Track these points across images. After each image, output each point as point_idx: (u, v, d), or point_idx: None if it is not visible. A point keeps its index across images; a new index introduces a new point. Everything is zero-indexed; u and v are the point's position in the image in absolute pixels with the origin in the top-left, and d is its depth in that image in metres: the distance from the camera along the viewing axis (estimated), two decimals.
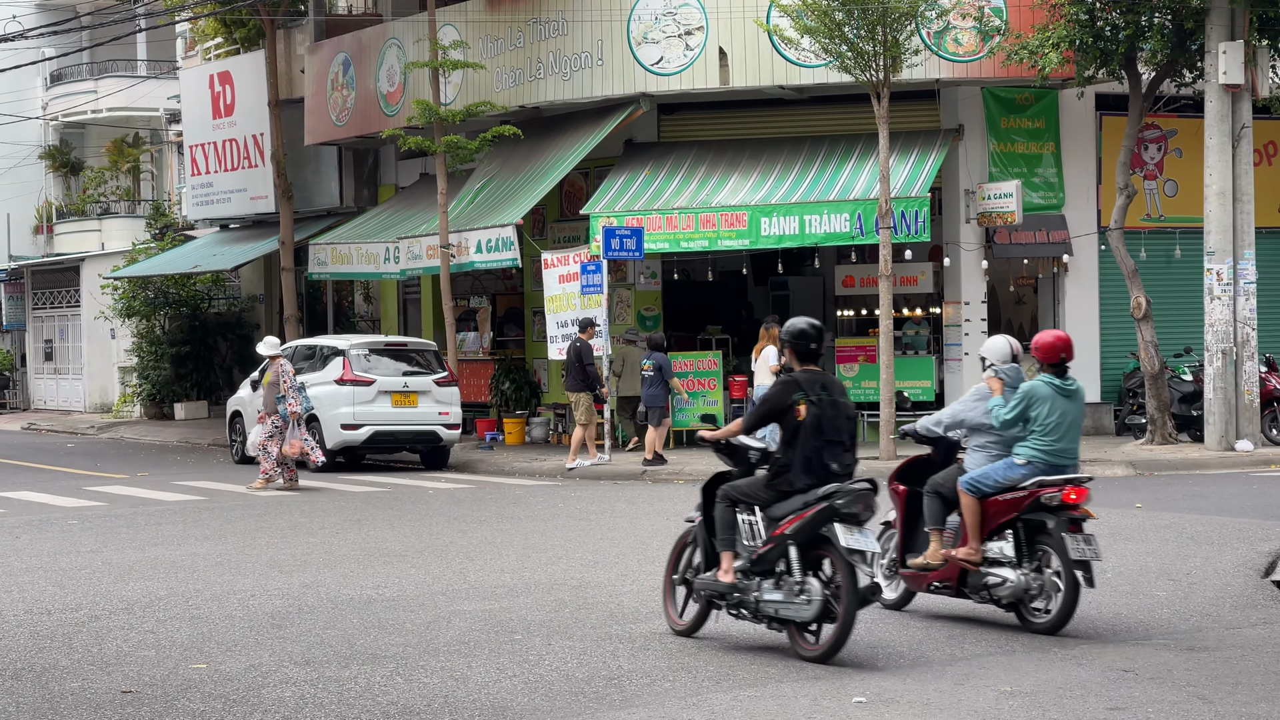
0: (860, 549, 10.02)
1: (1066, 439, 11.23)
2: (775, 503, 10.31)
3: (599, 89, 26.37)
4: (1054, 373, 11.28)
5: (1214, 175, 23.13)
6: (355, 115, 31.36)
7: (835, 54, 23.08)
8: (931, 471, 11.77)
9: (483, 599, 12.37)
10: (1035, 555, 11.04)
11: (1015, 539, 11.09)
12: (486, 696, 9.13)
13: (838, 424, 10.33)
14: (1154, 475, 21.78)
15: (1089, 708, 8.73)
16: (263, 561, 14.64)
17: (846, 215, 24.40)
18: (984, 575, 11.11)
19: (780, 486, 10.32)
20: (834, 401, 10.34)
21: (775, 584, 10.20)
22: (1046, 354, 11.30)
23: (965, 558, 11.17)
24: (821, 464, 10.25)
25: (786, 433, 10.35)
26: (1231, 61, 22.66)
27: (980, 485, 11.20)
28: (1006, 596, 11.02)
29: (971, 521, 11.19)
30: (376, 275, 30.56)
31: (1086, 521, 11.04)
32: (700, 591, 10.66)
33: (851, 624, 9.95)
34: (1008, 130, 26.28)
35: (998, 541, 11.15)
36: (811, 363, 10.56)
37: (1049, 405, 11.15)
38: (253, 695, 9.23)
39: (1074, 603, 10.77)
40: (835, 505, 10.02)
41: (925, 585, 11.53)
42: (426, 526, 17.30)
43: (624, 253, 24.12)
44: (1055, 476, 11.11)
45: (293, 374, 22.11)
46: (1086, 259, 26.92)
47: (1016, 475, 11.15)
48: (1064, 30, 23.29)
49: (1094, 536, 11.00)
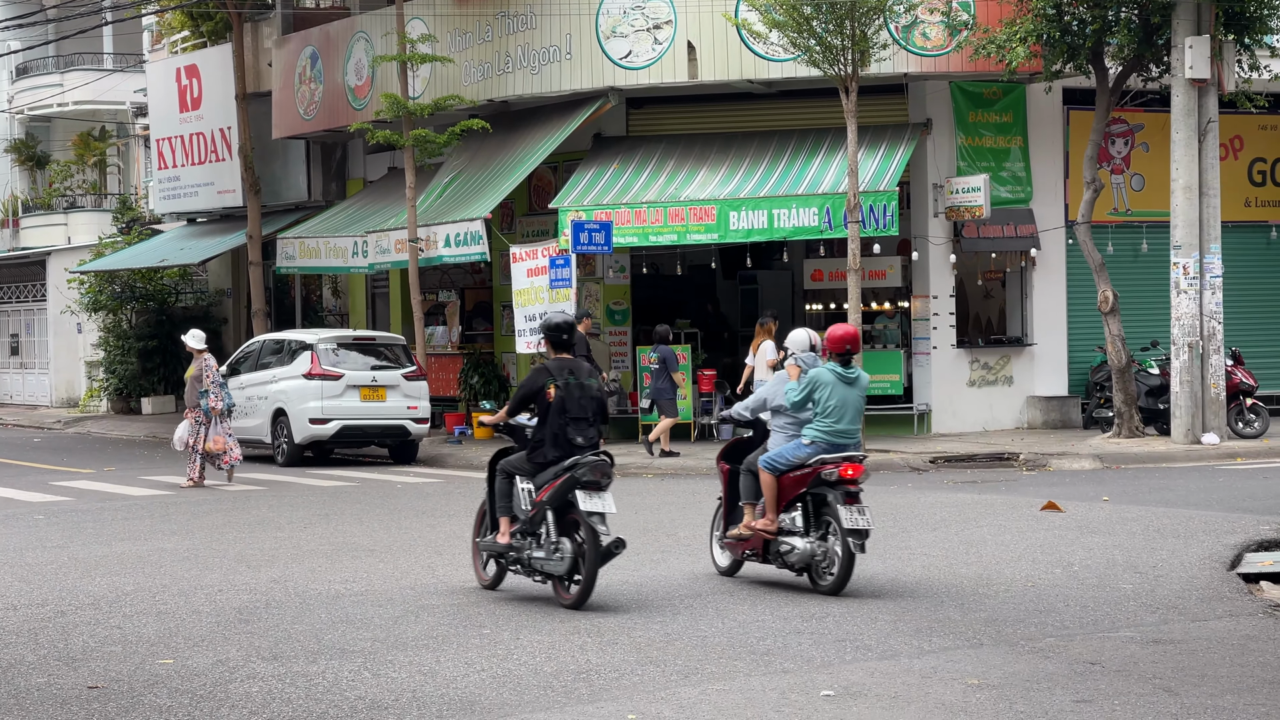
0: (598, 510, 11.66)
1: (846, 421, 12.46)
2: (537, 474, 11.97)
3: (567, 83, 26.35)
4: (839, 362, 12.51)
5: (1180, 169, 23.22)
6: (323, 109, 31.27)
7: (803, 48, 23.11)
8: (751, 451, 12.96)
9: (451, 593, 12.35)
10: (821, 525, 12.29)
11: (803, 511, 12.37)
12: (454, 690, 9.12)
13: (582, 403, 11.97)
14: (1121, 468, 21.86)
15: (1056, 700, 8.75)
16: (230, 556, 14.59)
17: (815, 209, 24.43)
18: (779, 543, 12.38)
19: (537, 459, 11.95)
20: (580, 384, 12.01)
21: (538, 544, 11.88)
22: (833, 345, 12.55)
23: (762, 529, 12.47)
24: (567, 439, 11.89)
25: (539, 412, 11.99)
26: (1198, 56, 22.75)
27: (775, 463, 12.45)
28: (796, 562, 12.30)
29: (769, 496, 12.47)
30: (345, 269, 30.49)
31: (861, 492, 12.28)
32: (483, 552, 12.46)
33: (594, 575, 11.55)
34: (975, 124, 26.34)
35: (790, 513, 12.41)
36: (565, 351, 12.21)
37: (830, 390, 12.40)
38: (220, 690, 9.20)
39: (850, 566, 12.02)
40: (576, 475, 11.66)
41: (741, 553, 12.77)
42: (395, 521, 17.27)
43: (593, 247, 24.11)
44: (835, 455, 12.33)
45: (216, 369, 21.98)
46: (1054, 253, 27.01)
47: (803, 454, 12.38)
48: (1031, 24, 23.36)
49: (868, 508, 12.21)
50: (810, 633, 10.61)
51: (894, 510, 17.24)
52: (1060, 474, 21.38)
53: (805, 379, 12.48)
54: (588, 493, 11.67)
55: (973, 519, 16.36)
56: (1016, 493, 18.77)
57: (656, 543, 15.00)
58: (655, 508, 17.96)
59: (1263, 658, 9.80)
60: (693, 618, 11.13)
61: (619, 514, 12.85)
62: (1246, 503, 17.10)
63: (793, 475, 12.39)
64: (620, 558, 11.88)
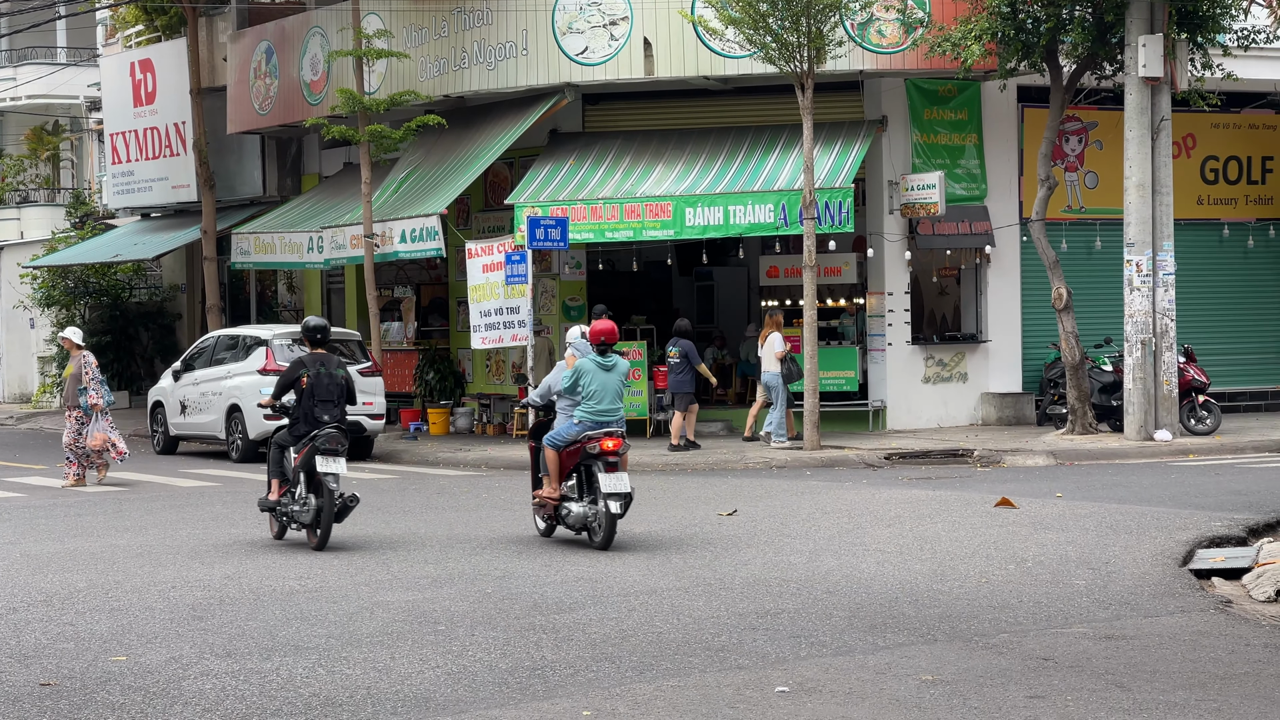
0: (331, 471, 14.59)
1: (606, 402, 14.59)
2: (294, 444, 15.03)
3: (524, 79, 26.31)
4: (598, 352, 14.74)
5: (1134, 167, 23.35)
6: (278, 104, 31.15)
7: (760, 45, 23.15)
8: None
9: (406, 590, 12.33)
10: (592, 491, 14.47)
11: (578, 480, 14.64)
12: (409, 687, 9.10)
13: (330, 388, 14.97)
14: (1074, 465, 21.97)
15: (1009, 695, 8.79)
16: (184, 553, 14.53)
17: (771, 206, 24.47)
18: (563, 507, 14.60)
19: (295, 433, 15.05)
20: (329, 373, 15.03)
21: (294, 499, 14.87)
22: (593, 338, 14.82)
23: (547, 495, 14.72)
24: (314, 417, 14.91)
25: (296, 395, 15.04)
26: (1151, 54, 22.88)
27: (555, 440, 14.68)
28: (575, 523, 14.46)
29: (553, 468, 14.66)
30: (300, 265, 30.38)
31: (620, 461, 14.33)
32: (260, 507, 15.35)
33: (330, 524, 14.53)
34: (931, 122, 26.43)
35: (570, 482, 14.68)
36: (320, 347, 15.30)
37: (591, 376, 14.61)
38: (173, 688, 9.16)
39: (613, 525, 14.20)
40: (317, 444, 14.72)
41: (543, 516, 14.98)
42: (350, 517, 17.20)
43: (549, 243, 24.10)
44: (597, 430, 14.43)
45: (95, 365, 21.87)
46: (1008, 250, 27.12)
47: (574, 431, 14.54)
48: (986, 23, 23.45)
49: (626, 476, 14.28)
50: (765, 629, 10.63)
51: (849, 506, 17.30)
52: (1014, 470, 21.48)
53: (572, 369, 14.75)
54: (324, 457, 14.63)
55: (927, 515, 16.42)
56: (971, 489, 18.85)
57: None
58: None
59: (1214, 653, 9.86)
60: (647, 614, 11.14)
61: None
62: (1198, 499, 17.21)
63: (569, 450, 14.58)
64: (576, 553, 11.88)
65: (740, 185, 24.92)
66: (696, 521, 16.25)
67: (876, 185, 26.32)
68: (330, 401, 14.97)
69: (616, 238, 25.58)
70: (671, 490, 19.47)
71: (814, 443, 23.05)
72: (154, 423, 27.16)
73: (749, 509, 17.13)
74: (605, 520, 14.20)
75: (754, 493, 18.88)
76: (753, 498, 18.29)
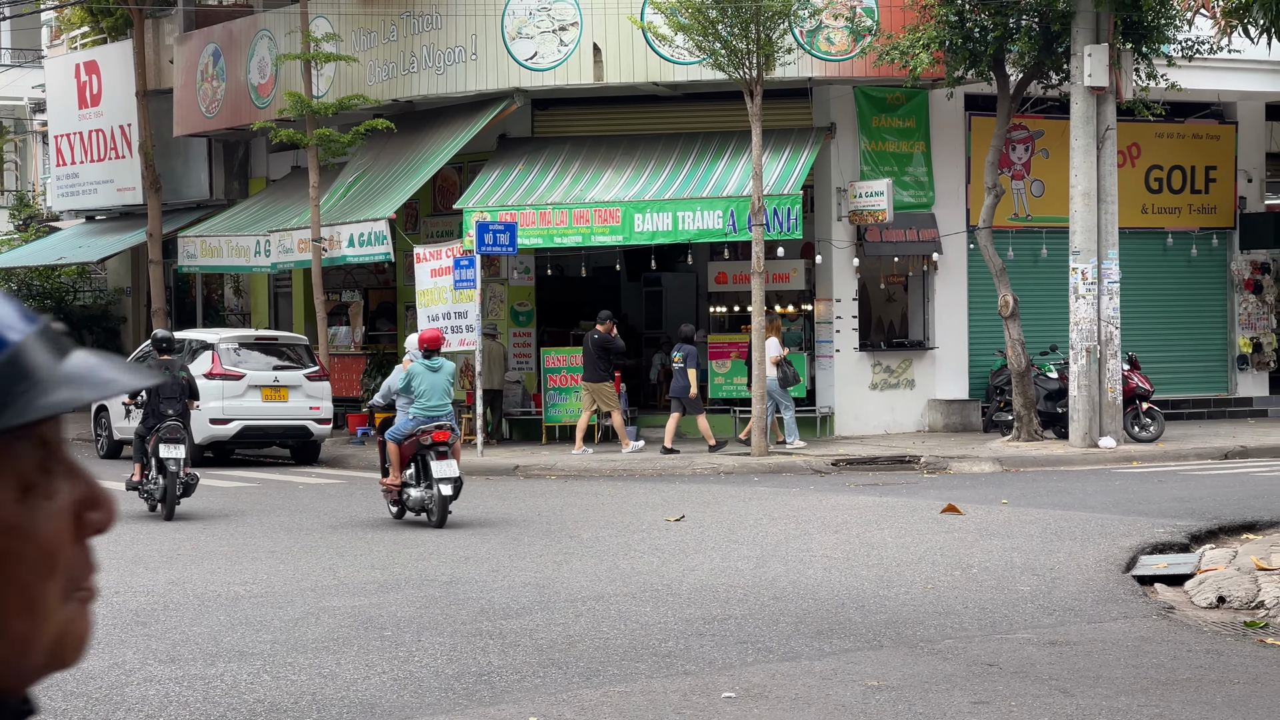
0: (171, 456, 17.52)
1: (434, 400, 16.66)
2: (148, 434, 17.85)
3: (473, 83, 26.28)
4: (424, 355, 16.81)
5: (1079, 176, 23.50)
6: (225, 107, 31.00)
7: (709, 51, 23.18)
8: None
9: (352, 595, 12.28)
10: (427, 477, 16.41)
11: (415, 467, 16.66)
12: (355, 693, 9.06)
13: (173, 389, 17.91)
14: (1020, 471, 22.09)
15: (954, 701, 8.83)
16: (127, 558, 14.43)
17: (720, 212, 24.52)
18: (404, 493, 16.62)
19: (147, 425, 18.03)
20: (173, 376, 17.86)
21: (148, 479, 17.86)
22: (420, 344, 17.00)
23: (390, 483, 16.81)
24: (159, 412, 17.92)
25: (147, 394, 17.84)
26: (1096, 64, 23.03)
27: (394, 435, 16.84)
28: (415, 505, 16.53)
29: (394, 459, 16.78)
30: (247, 268, 30.25)
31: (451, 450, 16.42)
32: (125, 487, 17.77)
33: (174, 498, 17.49)
34: (879, 129, 26.53)
35: (409, 470, 16.71)
36: (169, 355, 18.59)
37: (421, 378, 16.68)
38: (115, 694, 9.09)
39: (445, 506, 16.25)
40: (160, 434, 17.56)
41: (391, 501, 17.02)
42: (296, 522, 17.16)
43: (497, 248, 24.07)
44: (429, 425, 16.52)
45: None
46: (956, 257, 27.25)
47: (409, 426, 16.68)
48: (934, 31, 23.56)
49: (455, 463, 16.30)
50: (712, 635, 10.64)
51: (796, 512, 17.34)
52: (960, 477, 21.58)
53: (405, 373, 16.92)
54: (166, 445, 17.54)
55: (874, 521, 16.47)
56: (917, 495, 18.92)
57: (559, 544, 15.00)
58: (558, 509, 17.95)
59: (1156, 659, 9.93)
60: (594, 620, 11.14)
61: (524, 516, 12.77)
62: (1141, 506, 17.32)
63: (407, 442, 16.63)
64: (523, 559, 11.89)
65: (689, 191, 24.95)
66: (644, 527, 16.25)
67: (825, 192, 26.40)
68: (173, 399, 17.99)
69: (565, 243, 25.57)
70: (619, 496, 19.47)
71: (761, 449, 23.09)
72: (98, 427, 26.97)
73: (696, 515, 17.15)
74: (438, 502, 16.28)
75: (701, 499, 18.90)
76: (700, 504, 18.31)
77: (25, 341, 1.19)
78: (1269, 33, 15.95)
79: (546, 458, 23.39)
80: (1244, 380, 29.92)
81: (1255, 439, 25.02)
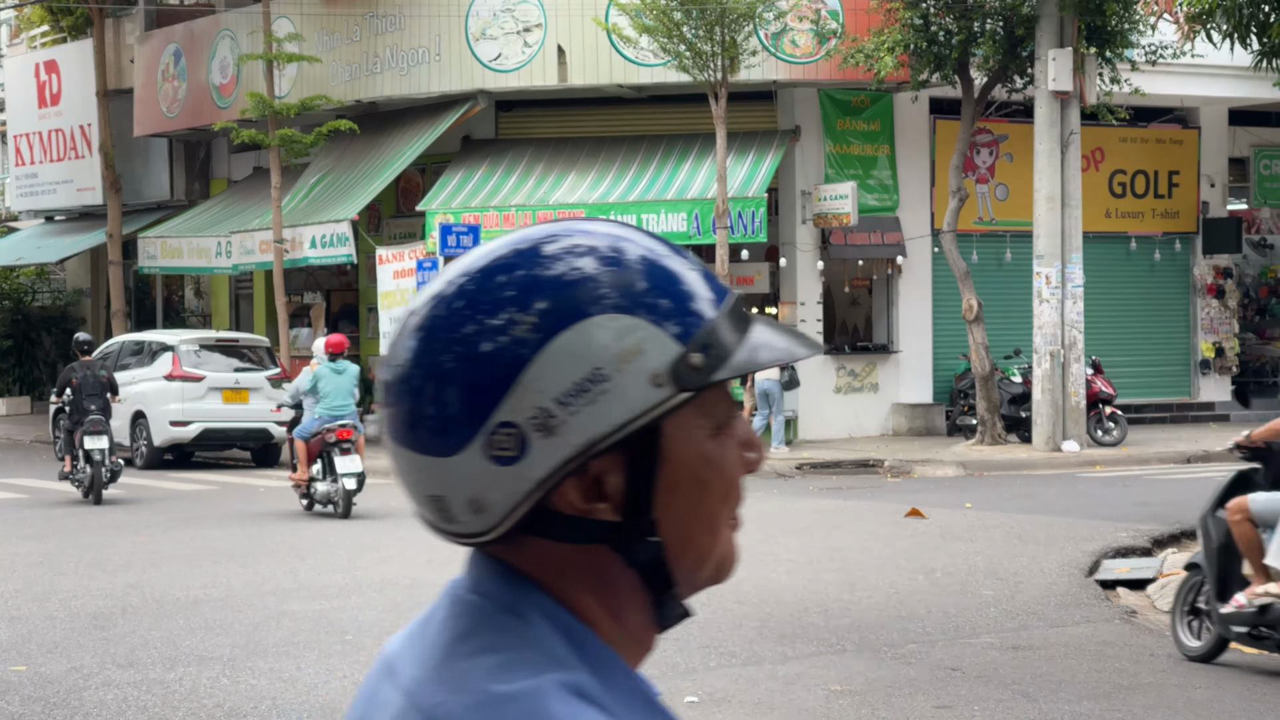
0: (96, 447, 19.06)
1: (338, 400, 17.88)
2: (74, 428, 19.32)
3: (436, 85, 26.18)
4: (330, 360, 17.98)
5: (1043, 180, 23.55)
6: (187, 107, 30.84)
7: (673, 53, 23.15)
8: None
9: (313, 599, 12.19)
10: (333, 471, 17.61)
11: (322, 462, 17.83)
12: (315, 698, 8.98)
13: (95, 386, 19.53)
14: (983, 475, 22.11)
15: (917, 705, 8.80)
16: (86, 561, 14.30)
17: (684, 215, 24.49)
18: (312, 487, 17.81)
19: (72, 420, 19.46)
20: (94, 375, 19.68)
21: (77, 470, 19.40)
22: (327, 349, 18.07)
23: (299, 478, 18.04)
24: (84, 408, 19.39)
25: (72, 393, 19.47)
26: (1060, 68, 23.08)
27: (302, 433, 17.97)
28: (322, 498, 17.74)
29: (302, 455, 17.88)
30: (208, 270, 30.09)
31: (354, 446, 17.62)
32: (59, 477, 19.89)
33: (100, 486, 19.10)
34: (843, 132, 26.54)
35: (316, 465, 17.89)
36: (86, 355, 20.04)
37: (326, 380, 17.89)
38: (74, 698, 9.00)
39: (350, 499, 17.46)
40: (84, 427, 19.07)
41: (301, 494, 18.09)
42: (257, 525, 17.05)
43: (461, 250, 23.98)
44: (333, 424, 17.65)
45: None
46: (920, 261, 27.27)
47: (315, 425, 17.83)
48: (899, 35, 23.57)
49: (359, 458, 17.50)
50: (675, 639, 10.58)
51: (760, 517, 17.29)
52: (924, 480, 21.58)
53: (311, 376, 18.04)
54: (90, 436, 19.00)
55: (838, 525, 16.45)
56: (881, 499, 18.91)
57: None
58: None
59: (1119, 663, 9.92)
60: None
61: None
62: (1104, 510, 17.35)
63: (314, 440, 17.74)
64: None
65: (654, 194, 24.92)
66: None
67: (789, 195, 26.39)
68: (95, 395, 19.51)
69: None
70: None
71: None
72: (56, 429, 26.72)
73: None
74: (343, 495, 17.47)
75: None
76: None
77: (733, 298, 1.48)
78: (1232, 38, 15.99)
79: None
80: (1206, 385, 30.03)
81: (1218, 443, 25.05)
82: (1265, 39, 15.68)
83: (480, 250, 1.47)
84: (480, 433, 1.41)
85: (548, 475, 1.41)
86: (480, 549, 1.51)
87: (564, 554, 1.47)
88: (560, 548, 1.46)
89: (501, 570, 1.49)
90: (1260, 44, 15.89)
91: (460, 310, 1.43)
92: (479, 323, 1.42)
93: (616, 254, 1.46)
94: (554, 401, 1.40)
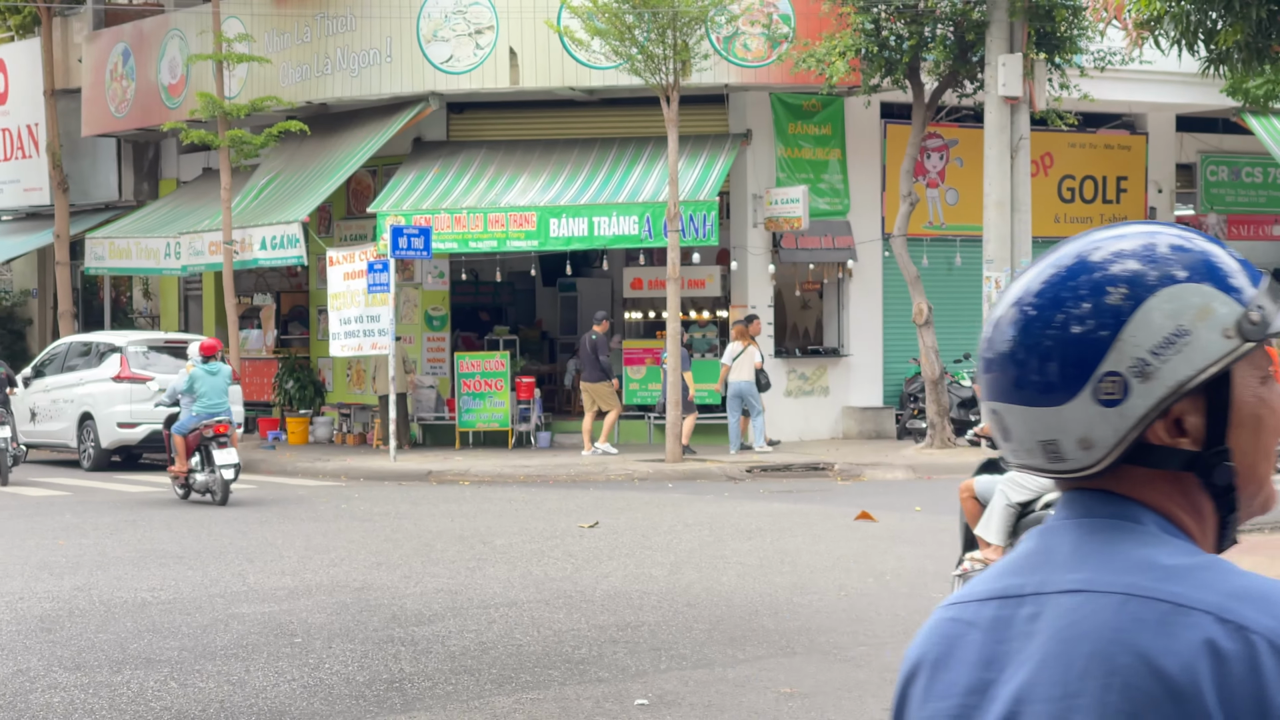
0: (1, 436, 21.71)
1: (214, 399, 19.40)
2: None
3: (387, 86, 26.11)
4: (204, 361, 19.53)
5: (993, 185, 23.66)
6: (135, 107, 30.65)
7: (625, 56, 23.15)
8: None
9: (262, 601, 12.13)
10: (211, 463, 19.07)
11: (200, 454, 19.29)
12: (264, 701, 8.94)
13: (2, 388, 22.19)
14: (933, 478, 22.17)
15: (866, 708, 8.82)
16: (32, 563, 14.19)
17: (635, 218, 24.48)
18: (191, 478, 19.28)
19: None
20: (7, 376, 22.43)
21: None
22: (201, 351, 19.67)
23: (178, 470, 19.45)
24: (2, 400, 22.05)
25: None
26: (1010, 74, 23.20)
27: (180, 429, 19.30)
28: (200, 488, 19.23)
29: (180, 449, 19.30)
30: (157, 271, 29.91)
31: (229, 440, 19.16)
32: None
33: (4, 469, 21.71)
34: (795, 136, 26.60)
35: (194, 458, 19.28)
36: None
37: (201, 380, 19.40)
38: (19, 701, 8.92)
39: (226, 488, 19.01)
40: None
41: (178, 485, 19.56)
42: (205, 527, 16.95)
43: (411, 252, 23.92)
44: (210, 420, 19.12)
45: None
46: (871, 265, 27.35)
47: (192, 422, 19.25)
48: (850, 39, 23.63)
49: (234, 451, 19.14)
50: (625, 642, 10.58)
51: (710, 520, 17.31)
52: (874, 484, 21.64)
53: (188, 376, 19.46)
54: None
55: (788, 528, 16.48)
56: (831, 502, 18.95)
57: (472, 550, 14.89)
58: (471, 515, 17.84)
59: None
60: (508, 626, 11.06)
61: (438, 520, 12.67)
62: None
63: (191, 435, 19.20)
64: (436, 565, 11.77)
65: (605, 197, 24.91)
66: (558, 533, 16.18)
67: (741, 198, 26.43)
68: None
69: (480, 248, 25.45)
70: (532, 502, 19.38)
71: (675, 455, 23.06)
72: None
73: (610, 521, 17.09)
74: (221, 484, 19.00)
75: (615, 505, 18.85)
76: (614, 510, 18.26)
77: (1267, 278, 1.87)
78: (1179, 44, 16.11)
79: (460, 463, 23.26)
80: None
81: None
82: (1212, 46, 15.80)
83: (1062, 250, 1.93)
84: (1089, 382, 1.81)
85: (1146, 413, 1.79)
86: (1081, 485, 1.87)
87: (1158, 480, 1.84)
88: (1154, 474, 1.83)
89: (1109, 497, 1.84)
90: (1208, 50, 16.01)
91: (1071, 286, 1.87)
92: (1083, 296, 1.84)
93: (1181, 239, 1.85)
94: (1149, 353, 1.79)
